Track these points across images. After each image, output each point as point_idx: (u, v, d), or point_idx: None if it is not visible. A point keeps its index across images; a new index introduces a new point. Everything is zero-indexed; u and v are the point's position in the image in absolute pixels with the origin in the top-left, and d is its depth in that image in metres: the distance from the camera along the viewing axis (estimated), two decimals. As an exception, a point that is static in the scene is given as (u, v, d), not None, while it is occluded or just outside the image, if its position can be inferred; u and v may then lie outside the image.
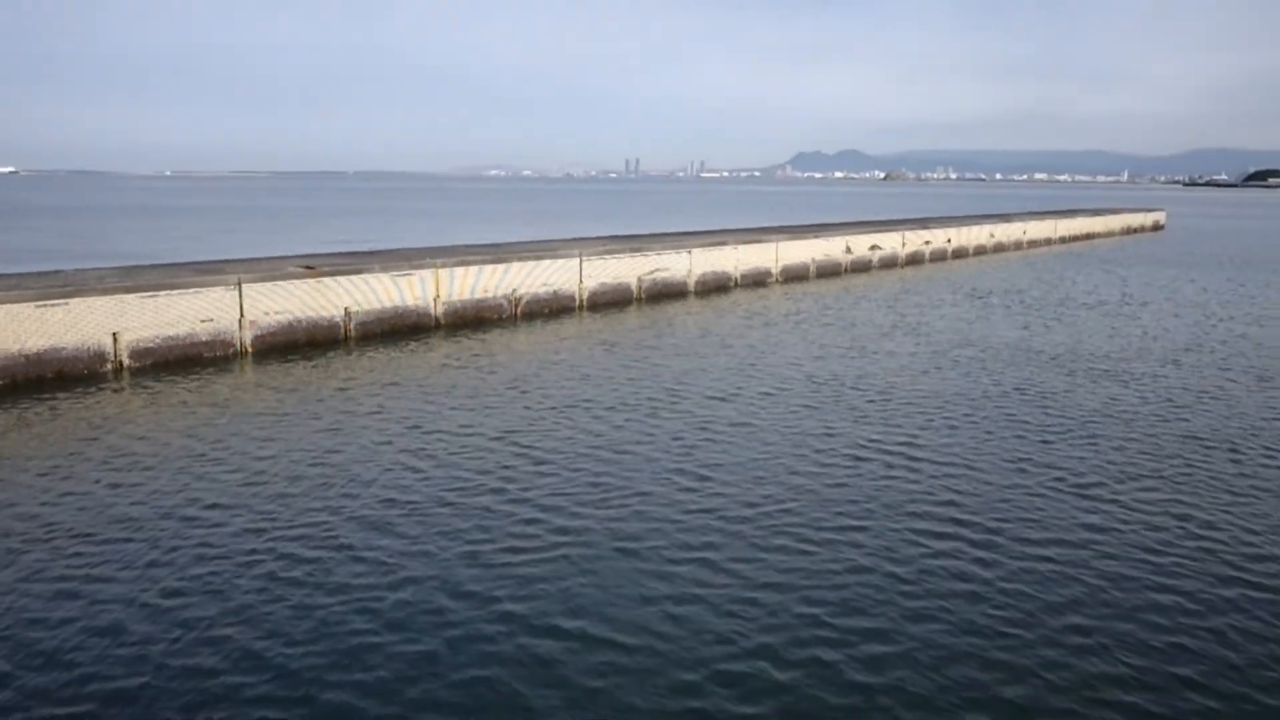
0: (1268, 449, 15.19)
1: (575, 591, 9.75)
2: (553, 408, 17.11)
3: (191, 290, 21.44)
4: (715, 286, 35.27)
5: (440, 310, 26.39)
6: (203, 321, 21.60)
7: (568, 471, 13.52)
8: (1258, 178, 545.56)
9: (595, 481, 13.09)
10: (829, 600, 9.64)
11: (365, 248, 34.41)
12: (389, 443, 14.91)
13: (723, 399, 17.94)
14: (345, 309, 24.23)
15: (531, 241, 35.49)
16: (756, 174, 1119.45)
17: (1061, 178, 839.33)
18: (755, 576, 10.16)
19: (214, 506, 12.08)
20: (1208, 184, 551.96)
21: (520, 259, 28.46)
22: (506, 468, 13.66)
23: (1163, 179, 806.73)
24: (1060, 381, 20.01)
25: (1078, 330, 26.83)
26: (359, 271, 24.61)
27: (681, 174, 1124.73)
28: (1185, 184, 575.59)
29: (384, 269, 25.17)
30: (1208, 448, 15.22)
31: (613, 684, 8.12)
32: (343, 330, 24.18)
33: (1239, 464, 14.39)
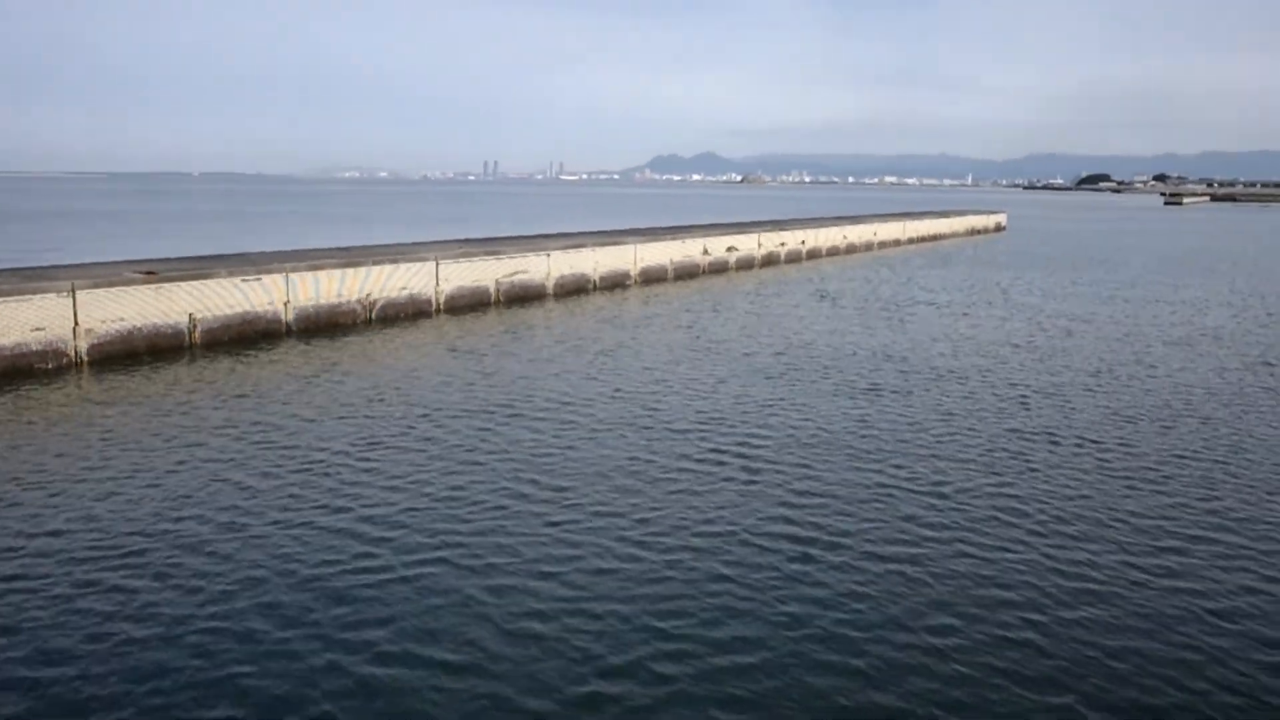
0: (1093, 440, 15.88)
1: (415, 613, 9.49)
2: (402, 419, 16.70)
3: (20, 298, 20.25)
4: (574, 289, 35.16)
5: (291, 316, 25.59)
6: (34, 330, 20.43)
7: (416, 486, 13.20)
8: (1089, 182, 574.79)
9: (447, 495, 12.82)
10: (682, 611, 9.62)
11: (210, 251, 33.16)
12: (230, 460, 14.32)
13: (572, 404, 17.82)
14: (190, 315, 23.27)
15: (386, 245, 34.78)
16: (615, 176, 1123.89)
17: (910, 181, 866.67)
18: (609, 590, 10.07)
19: (34, 534, 11.38)
20: (1045, 187, 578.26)
21: (375, 262, 27.83)
22: (354, 484, 13.27)
23: (1004, 182, 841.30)
24: (901, 381, 20.55)
25: (921, 330, 27.64)
26: (203, 276, 23.67)
27: (540, 176, 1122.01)
28: (1025, 187, 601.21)
29: (230, 274, 24.27)
30: (1035, 440, 15.82)
31: (452, 705, 7.93)
32: (188, 338, 23.22)
33: (1066, 453, 14.98)
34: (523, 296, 32.78)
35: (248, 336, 24.35)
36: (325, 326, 26.18)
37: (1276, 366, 22.76)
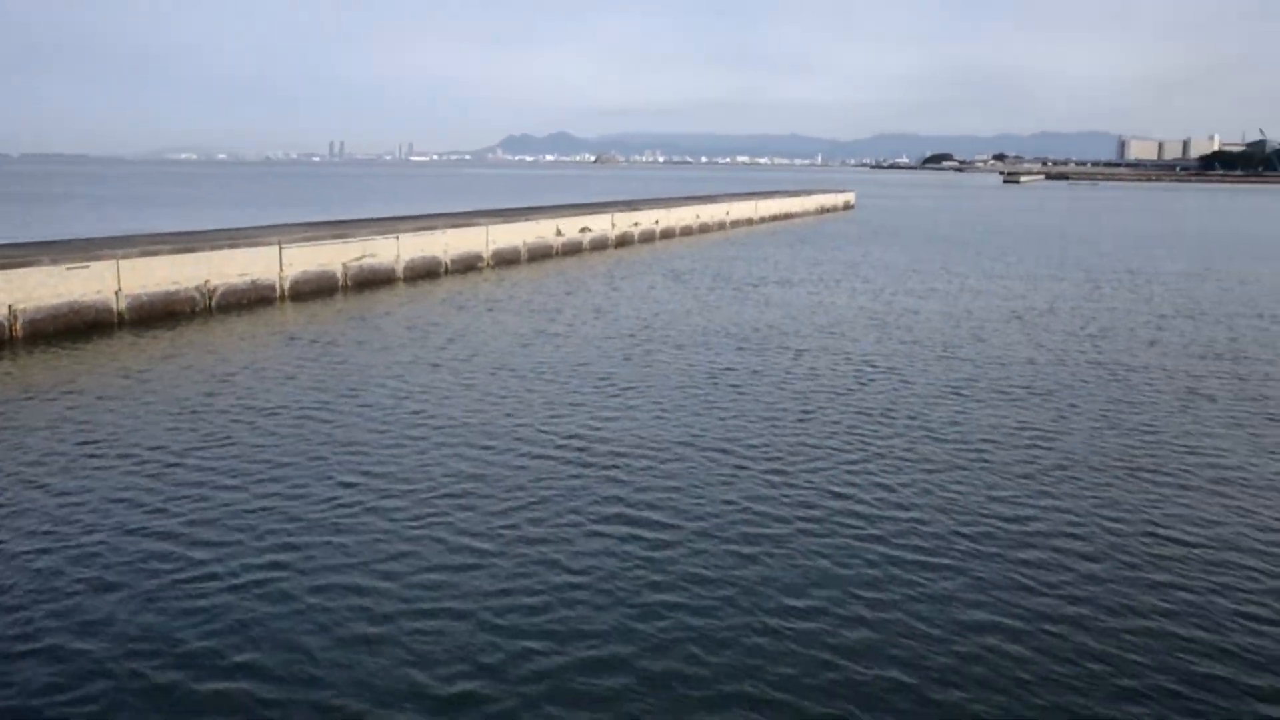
0: (924, 414, 16.29)
1: (239, 620, 9.05)
2: (239, 416, 16.00)
3: None
4: (425, 272, 34.43)
5: (124, 305, 24.31)
6: None
7: (252, 486, 12.65)
8: (933, 161, 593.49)
9: (282, 494, 12.31)
10: (521, 606, 9.41)
11: (29, 238, 31.28)
12: (45, 464, 13.47)
13: (417, 396, 17.37)
14: (9, 306, 21.85)
15: (226, 229, 33.41)
16: (467, 157, 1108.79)
17: (762, 160, 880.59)
18: (448, 589, 9.80)
19: None
20: (892, 166, 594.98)
21: (213, 247, 26.66)
22: (183, 485, 12.62)
23: (853, 162, 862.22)
24: (750, 359, 20.72)
25: (770, 309, 27.98)
26: (24, 264, 22.26)
27: (389, 157, 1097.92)
28: (873, 166, 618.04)
29: (55, 261, 22.90)
30: (872, 415, 16.14)
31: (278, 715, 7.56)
32: (8, 330, 21.81)
33: (900, 426, 15.32)
34: (372, 281, 31.93)
35: (76, 328, 23.02)
36: (161, 316, 24.96)
37: (1099, 339, 23.77)
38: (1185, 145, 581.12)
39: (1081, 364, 20.70)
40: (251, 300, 27.59)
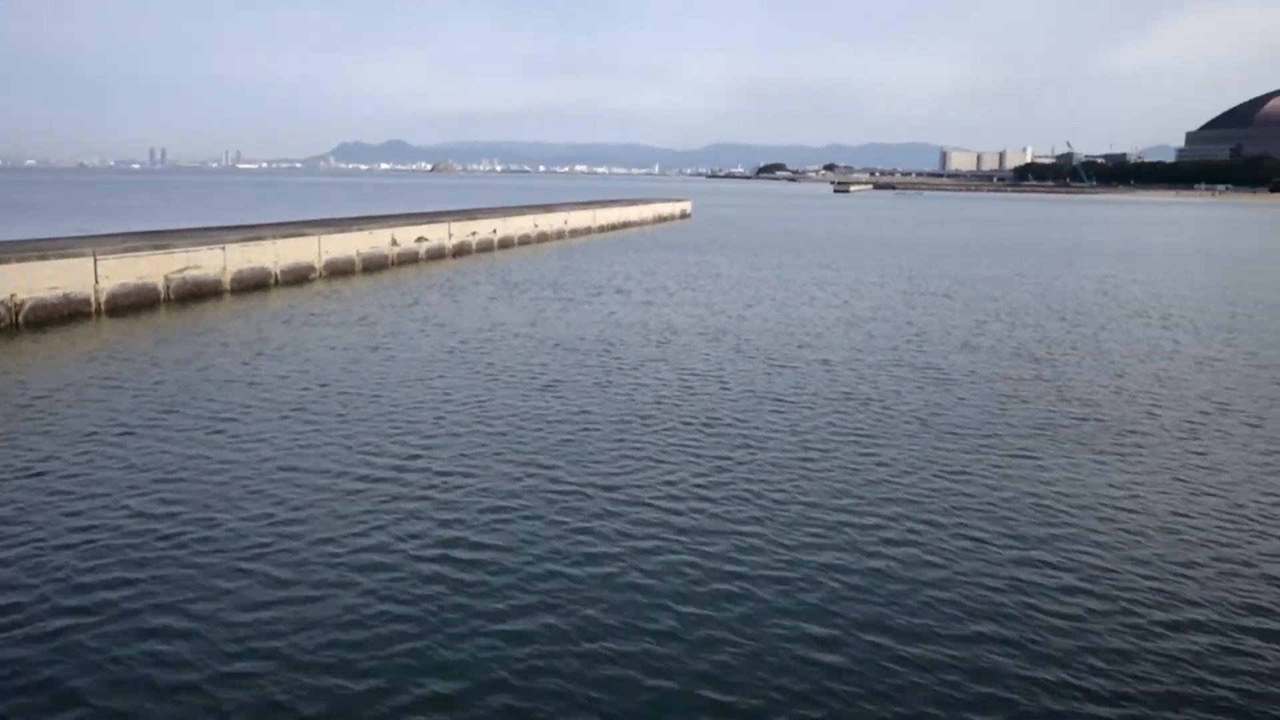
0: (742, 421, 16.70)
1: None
2: (32, 450, 15.20)
3: None
4: (254, 284, 33.34)
5: (-82, 322, 22.75)
6: None
7: (42, 525, 12.03)
8: (768, 170, 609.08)
9: (88, 527, 11.75)
10: (331, 641, 9.24)
11: None
12: None
13: (231, 419, 16.84)
14: None
15: (33, 240, 31.63)
16: (298, 165, 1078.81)
17: (600, 169, 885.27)
18: (232, 628, 9.53)
19: None
20: (727, 176, 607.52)
21: (20, 259, 25.21)
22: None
23: (690, 171, 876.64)
24: (579, 373, 20.80)
25: (606, 318, 28.16)
26: None
27: (215, 165, 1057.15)
28: (709, 175, 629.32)
29: None
30: (693, 424, 16.45)
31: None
32: None
33: (729, 444, 15.67)
34: (197, 294, 30.73)
35: None
36: (-39, 333, 23.44)
37: (916, 344, 24.78)
38: (1001, 157, 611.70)
39: (902, 368, 21.52)
40: (64, 316, 26.20)
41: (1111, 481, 13.73)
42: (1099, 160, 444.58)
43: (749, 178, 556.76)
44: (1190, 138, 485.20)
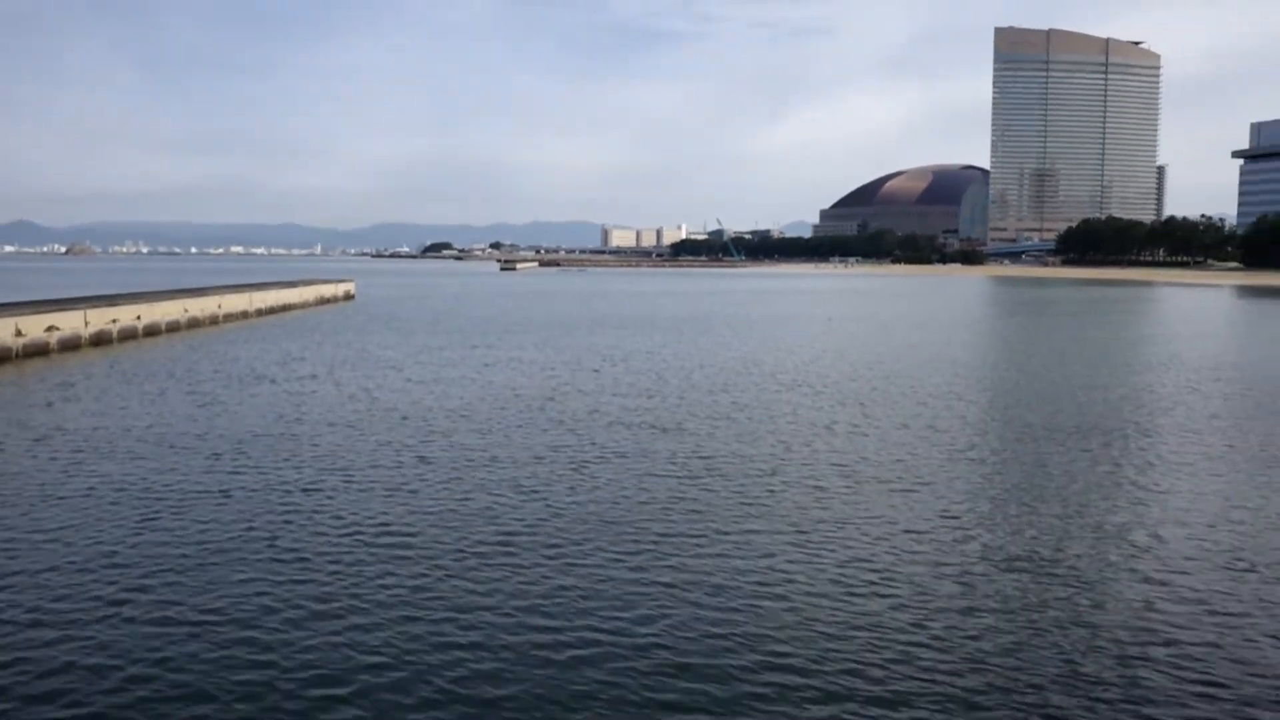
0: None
1: None
2: None
3: None
4: None
5: None
6: None
7: None
8: (434, 249, 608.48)
9: None
10: None
11: None
12: None
13: None
14: None
15: None
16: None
17: (258, 250, 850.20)
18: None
19: None
20: (393, 255, 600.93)
21: None
22: None
23: (354, 251, 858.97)
24: (213, 478, 19.82)
25: (256, 409, 26.98)
26: None
27: None
28: (374, 255, 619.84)
29: None
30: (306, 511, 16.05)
31: None
32: None
33: (367, 538, 15.38)
34: None
35: None
36: None
37: (566, 418, 25.48)
38: (659, 234, 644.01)
39: (544, 442, 22.16)
40: None
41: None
42: (746, 236, 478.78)
43: (415, 257, 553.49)
44: (824, 215, 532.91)
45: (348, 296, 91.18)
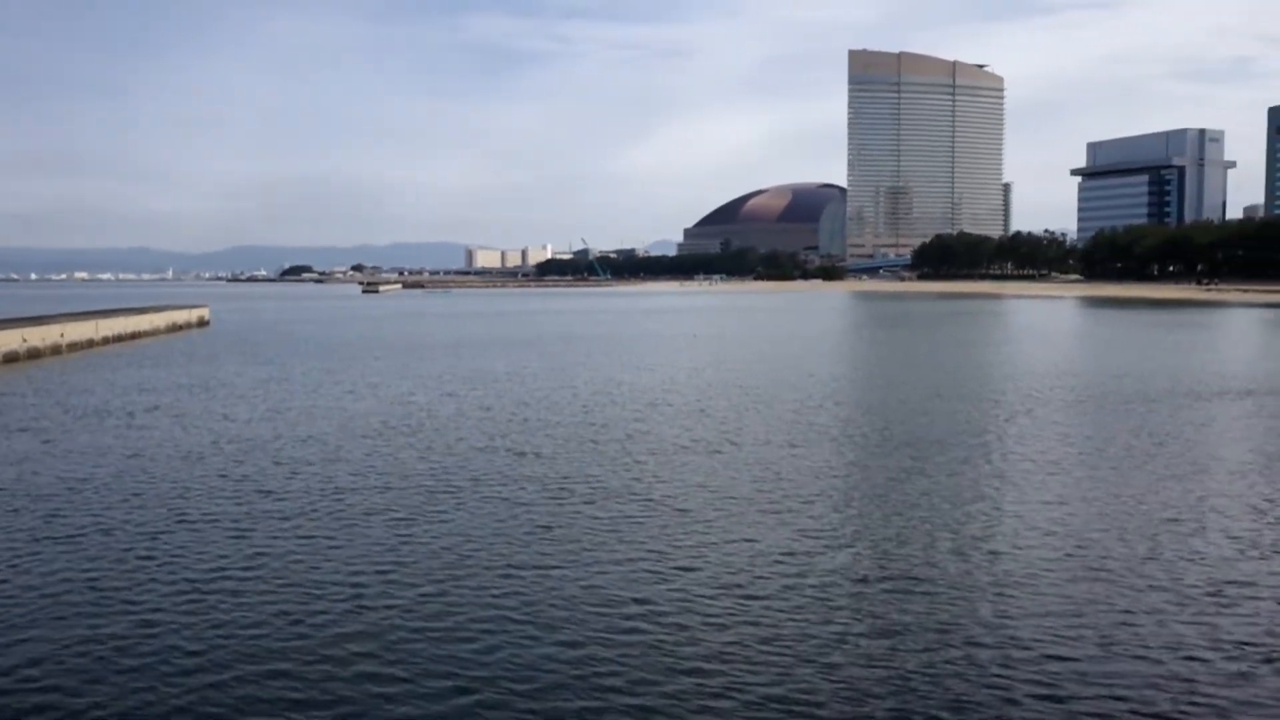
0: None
1: None
2: None
3: None
4: None
5: None
6: None
7: None
8: (293, 272, 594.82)
9: None
10: None
11: None
12: None
13: None
14: None
15: None
16: None
17: (105, 276, 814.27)
18: None
19: None
20: (250, 279, 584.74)
21: None
22: None
23: (208, 275, 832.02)
24: (50, 526, 18.85)
25: (98, 446, 25.82)
26: None
27: None
28: (230, 279, 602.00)
29: None
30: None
31: None
32: None
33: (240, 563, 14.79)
34: None
35: None
36: None
37: (429, 444, 25.04)
38: (524, 254, 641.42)
39: (398, 471, 21.80)
40: None
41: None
42: (612, 255, 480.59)
43: (274, 280, 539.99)
44: (688, 233, 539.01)
45: (201, 323, 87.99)
